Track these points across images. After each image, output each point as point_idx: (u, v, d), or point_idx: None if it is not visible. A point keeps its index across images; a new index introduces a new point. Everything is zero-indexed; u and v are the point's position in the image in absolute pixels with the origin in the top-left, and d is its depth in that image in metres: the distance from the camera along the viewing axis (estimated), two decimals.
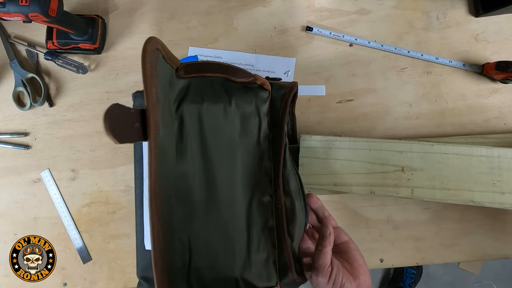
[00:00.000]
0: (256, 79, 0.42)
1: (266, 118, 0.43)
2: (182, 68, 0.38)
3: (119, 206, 0.60)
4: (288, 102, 0.43)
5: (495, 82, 0.58)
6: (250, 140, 0.42)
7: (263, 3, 0.61)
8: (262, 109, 0.43)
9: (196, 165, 0.40)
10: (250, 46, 0.61)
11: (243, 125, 0.42)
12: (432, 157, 0.48)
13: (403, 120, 0.59)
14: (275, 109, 0.44)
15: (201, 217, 0.40)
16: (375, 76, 0.59)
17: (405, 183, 0.48)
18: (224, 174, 0.41)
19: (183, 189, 0.40)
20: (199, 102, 0.40)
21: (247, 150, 0.42)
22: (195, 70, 0.39)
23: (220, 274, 0.39)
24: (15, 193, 0.61)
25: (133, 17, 0.62)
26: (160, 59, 0.34)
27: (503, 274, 1.32)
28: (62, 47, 0.59)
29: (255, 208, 0.41)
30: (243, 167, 0.41)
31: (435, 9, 0.60)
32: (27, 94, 0.60)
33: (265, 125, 0.43)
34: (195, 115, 0.40)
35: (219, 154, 0.40)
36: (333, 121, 0.59)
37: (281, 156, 0.42)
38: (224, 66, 0.41)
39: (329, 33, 0.59)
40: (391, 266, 0.57)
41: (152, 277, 0.54)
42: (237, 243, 0.39)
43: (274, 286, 0.41)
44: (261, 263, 0.41)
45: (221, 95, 0.41)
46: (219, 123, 0.41)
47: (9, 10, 0.46)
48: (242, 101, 0.41)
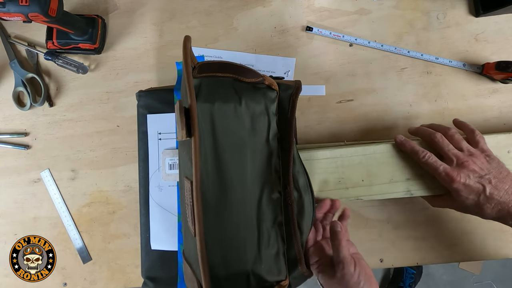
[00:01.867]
0: (264, 79, 0.43)
1: (274, 117, 0.44)
2: (198, 67, 0.39)
3: (119, 206, 0.60)
4: (296, 102, 0.45)
5: (495, 82, 0.58)
6: (259, 138, 0.43)
7: (263, 3, 0.61)
8: (271, 108, 0.44)
9: (209, 165, 0.40)
10: (250, 46, 0.61)
11: (253, 124, 0.42)
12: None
13: (403, 120, 0.59)
14: (283, 108, 0.45)
15: (214, 215, 0.40)
16: (375, 76, 0.59)
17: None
18: (235, 172, 0.41)
19: None
20: (211, 101, 0.40)
21: (256, 148, 0.43)
22: (208, 70, 0.40)
23: (233, 270, 0.40)
24: (15, 193, 0.61)
25: (133, 17, 0.62)
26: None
27: (503, 274, 1.32)
28: (62, 47, 0.59)
29: (265, 204, 0.42)
30: (253, 165, 0.42)
31: (435, 9, 0.60)
32: (27, 94, 0.60)
33: (274, 124, 0.44)
34: (207, 115, 0.40)
35: (230, 153, 0.41)
36: (333, 121, 0.59)
37: (291, 155, 0.43)
38: (235, 66, 0.42)
39: (329, 33, 0.59)
40: (391, 266, 0.57)
41: (159, 276, 0.55)
42: (248, 239, 0.40)
43: (283, 280, 0.43)
44: (271, 258, 0.42)
45: (231, 95, 0.42)
46: (230, 123, 0.41)
47: (9, 10, 0.46)
48: (251, 101, 0.42)
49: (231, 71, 0.41)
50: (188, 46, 0.33)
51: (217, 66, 0.42)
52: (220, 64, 0.43)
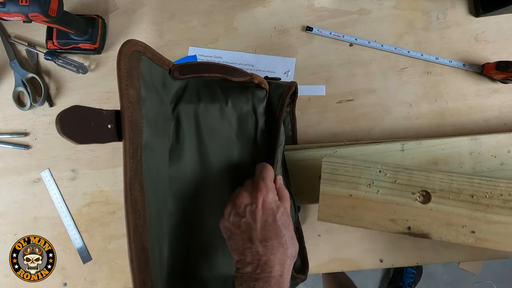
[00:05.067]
0: (253, 78, 0.42)
1: (263, 117, 0.44)
2: (176, 69, 0.38)
3: (119, 206, 0.60)
4: (285, 101, 0.43)
5: (495, 82, 0.58)
6: (247, 138, 0.43)
7: (263, 3, 0.61)
8: (259, 108, 0.43)
9: (194, 165, 0.40)
10: (250, 46, 0.61)
11: (240, 124, 0.42)
12: None
13: (403, 120, 0.58)
14: (273, 108, 0.44)
15: (199, 216, 0.40)
16: (375, 76, 0.59)
17: None
18: (222, 172, 0.41)
19: (180, 189, 0.40)
20: (196, 102, 0.40)
21: (244, 148, 0.42)
22: (190, 71, 0.39)
23: (218, 273, 0.40)
24: (15, 193, 0.61)
25: (133, 17, 0.62)
26: (144, 61, 0.34)
27: (503, 274, 1.32)
28: (62, 47, 0.59)
29: None
30: (241, 165, 0.42)
31: (435, 9, 0.60)
32: (27, 94, 0.60)
33: (262, 124, 0.43)
34: (191, 116, 0.40)
35: (217, 153, 0.41)
36: (333, 121, 0.59)
37: (275, 155, 0.42)
38: (220, 66, 0.40)
39: (329, 33, 0.59)
40: (391, 266, 0.57)
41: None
42: None
43: None
44: None
45: (217, 95, 0.41)
46: (216, 123, 0.41)
47: (9, 10, 0.46)
48: (238, 101, 0.42)
49: (218, 71, 0.40)
50: (124, 51, 0.31)
51: (201, 67, 0.41)
52: (204, 65, 0.41)
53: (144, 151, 0.33)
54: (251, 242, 0.34)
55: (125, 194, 0.30)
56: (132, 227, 0.30)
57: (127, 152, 0.30)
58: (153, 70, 0.35)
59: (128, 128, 0.31)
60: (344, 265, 0.57)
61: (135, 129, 0.32)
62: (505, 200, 0.38)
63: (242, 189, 0.38)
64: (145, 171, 0.33)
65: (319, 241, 0.57)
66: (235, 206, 0.37)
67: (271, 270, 0.33)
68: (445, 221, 0.39)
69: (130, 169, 0.30)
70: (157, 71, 0.36)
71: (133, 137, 0.31)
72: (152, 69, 0.35)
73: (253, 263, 0.33)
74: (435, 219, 0.39)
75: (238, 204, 0.37)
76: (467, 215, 0.39)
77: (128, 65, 0.31)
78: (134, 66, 0.32)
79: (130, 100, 0.31)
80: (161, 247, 0.37)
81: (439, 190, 0.40)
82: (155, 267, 0.34)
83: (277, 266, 0.33)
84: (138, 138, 0.32)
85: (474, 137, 0.49)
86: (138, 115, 0.32)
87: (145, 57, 0.34)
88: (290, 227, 0.36)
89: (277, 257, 0.33)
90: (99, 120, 0.30)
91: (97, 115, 0.30)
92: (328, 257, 0.57)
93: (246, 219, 0.35)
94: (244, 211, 0.36)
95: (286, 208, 0.38)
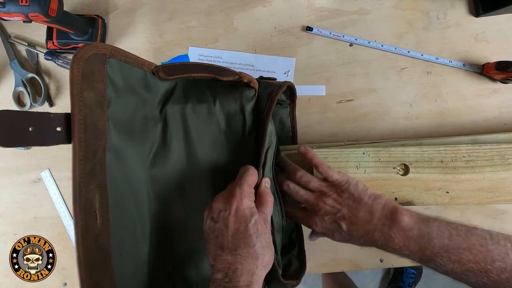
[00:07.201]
0: (242, 77, 0.41)
1: (251, 116, 0.43)
2: (161, 70, 0.37)
3: None
4: (274, 101, 0.41)
5: (495, 82, 0.58)
6: (235, 139, 0.42)
7: (263, 3, 0.61)
8: (247, 107, 0.42)
9: (182, 166, 0.40)
10: (250, 46, 0.61)
11: (229, 124, 0.42)
12: None
13: (403, 120, 0.58)
14: (261, 107, 0.42)
15: (186, 218, 0.40)
16: (375, 76, 0.59)
17: None
18: (210, 173, 0.41)
19: (165, 190, 0.40)
20: (183, 103, 0.40)
21: (233, 148, 0.42)
22: (176, 71, 0.38)
23: (204, 275, 0.40)
24: (15, 193, 0.61)
25: (133, 17, 0.62)
26: (112, 63, 0.33)
27: None
28: (62, 47, 0.59)
29: None
30: (230, 166, 0.42)
31: (435, 9, 0.60)
32: (27, 94, 0.60)
33: (250, 124, 0.42)
34: (178, 116, 0.40)
35: (206, 154, 0.41)
36: (333, 121, 0.59)
37: (261, 157, 0.40)
38: (205, 66, 0.39)
39: (329, 33, 0.59)
40: (391, 266, 0.57)
41: None
42: None
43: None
44: None
45: (206, 96, 0.41)
46: (204, 123, 0.41)
47: (9, 10, 0.46)
48: (226, 101, 0.41)
49: (205, 71, 0.39)
50: (78, 55, 0.31)
51: (187, 67, 0.40)
52: (189, 65, 0.40)
53: (108, 153, 0.32)
54: (222, 249, 0.34)
55: (73, 195, 0.30)
56: (80, 228, 0.30)
57: (77, 154, 0.30)
58: (126, 72, 0.35)
59: (79, 131, 0.30)
60: (344, 265, 0.57)
61: (93, 132, 0.31)
62: (467, 160, 0.46)
63: (220, 194, 0.38)
64: (110, 173, 0.32)
65: (319, 241, 0.57)
66: (211, 210, 0.37)
67: (239, 279, 0.32)
68: (424, 187, 0.46)
69: (80, 171, 0.30)
70: (134, 72, 0.36)
71: (88, 139, 0.31)
72: (125, 71, 0.34)
73: (223, 270, 0.33)
74: (416, 187, 0.46)
75: (213, 209, 0.36)
76: (440, 179, 0.46)
77: (84, 69, 0.31)
78: (97, 69, 0.32)
79: (85, 102, 0.31)
80: (141, 248, 0.36)
81: (415, 161, 0.47)
82: (125, 268, 0.33)
83: (244, 276, 0.33)
84: (99, 140, 0.32)
85: (474, 137, 0.50)
86: (99, 117, 0.32)
87: (113, 59, 0.33)
88: (264, 235, 0.36)
89: (245, 267, 0.33)
90: (43, 123, 0.30)
91: (39, 119, 0.30)
92: (328, 257, 0.57)
93: (219, 225, 0.35)
94: (218, 217, 0.36)
95: (264, 215, 0.37)
